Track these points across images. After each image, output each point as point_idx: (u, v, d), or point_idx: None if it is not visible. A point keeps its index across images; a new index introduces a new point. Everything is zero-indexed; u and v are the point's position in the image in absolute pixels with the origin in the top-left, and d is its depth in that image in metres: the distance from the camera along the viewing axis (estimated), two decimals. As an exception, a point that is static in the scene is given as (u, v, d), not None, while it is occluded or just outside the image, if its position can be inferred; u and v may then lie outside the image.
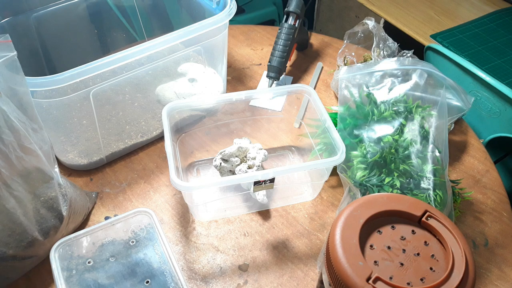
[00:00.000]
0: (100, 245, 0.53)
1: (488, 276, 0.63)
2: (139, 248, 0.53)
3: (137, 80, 0.73)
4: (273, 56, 0.87)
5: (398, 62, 0.74)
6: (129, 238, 0.54)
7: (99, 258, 0.52)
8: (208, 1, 0.81)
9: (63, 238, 0.52)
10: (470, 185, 0.75)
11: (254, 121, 0.80)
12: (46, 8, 0.81)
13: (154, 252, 0.53)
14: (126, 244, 0.53)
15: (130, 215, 0.56)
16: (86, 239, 0.53)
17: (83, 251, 0.52)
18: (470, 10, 1.41)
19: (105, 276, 0.50)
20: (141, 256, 0.52)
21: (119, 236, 0.54)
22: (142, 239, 0.54)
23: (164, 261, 0.52)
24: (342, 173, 0.66)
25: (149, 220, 0.56)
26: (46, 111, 0.65)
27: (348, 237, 0.43)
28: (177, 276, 0.50)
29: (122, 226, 0.55)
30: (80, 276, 0.49)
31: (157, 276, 0.50)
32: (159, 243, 0.54)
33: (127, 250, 0.53)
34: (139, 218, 0.56)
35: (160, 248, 0.53)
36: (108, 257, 0.52)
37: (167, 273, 0.51)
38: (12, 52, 0.49)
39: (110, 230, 0.54)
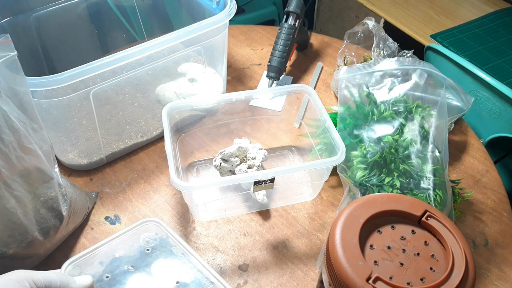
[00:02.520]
0: (111, 259, 0.48)
1: (488, 276, 0.63)
2: (157, 253, 0.49)
3: (137, 80, 0.73)
4: (273, 56, 0.87)
5: (398, 62, 0.74)
6: (142, 246, 0.50)
7: (116, 271, 0.47)
8: (208, 1, 0.81)
9: (70, 259, 0.46)
10: (470, 185, 0.75)
11: (254, 121, 0.80)
12: (46, 8, 0.81)
13: (174, 255, 0.49)
14: (141, 253, 0.49)
15: (137, 226, 0.52)
16: (95, 256, 0.48)
17: (94, 269, 0.47)
18: (470, 10, 1.41)
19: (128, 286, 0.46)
20: (161, 260, 0.49)
21: (130, 248, 0.50)
22: (157, 246, 0.50)
23: (188, 260, 0.49)
24: (342, 173, 0.66)
25: (158, 229, 0.52)
26: (46, 111, 0.65)
27: (348, 237, 0.43)
28: (207, 270, 0.47)
29: (130, 238, 0.51)
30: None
31: (186, 275, 0.47)
32: (177, 246, 0.50)
33: (144, 258, 0.49)
34: (147, 227, 0.52)
35: (180, 250, 0.50)
36: (125, 268, 0.48)
37: (195, 271, 0.48)
38: (12, 52, 0.49)
39: (118, 244, 0.50)
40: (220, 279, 0.47)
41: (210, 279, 0.47)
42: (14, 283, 0.38)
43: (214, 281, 0.47)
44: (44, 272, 0.42)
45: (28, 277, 0.40)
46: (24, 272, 0.40)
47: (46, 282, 0.41)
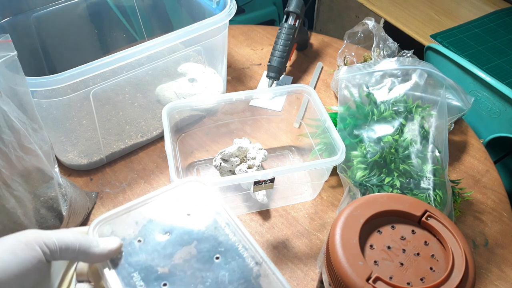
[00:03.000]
0: (148, 220, 0.41)
1: (488, 276, 0.63)
2: (198, 220, 0.41)
3: (137, 80, 0.73)
4: (273, 56, 0.87)
5: (398, 62, 0.74)
6: (182, 211, 0.42)
7: (149, 236, 0.40)
8: (208, 1, 0.81)
9: (100, 217, 0.40)
10: (470, 185, 0.75)
11: (254, 121, 0.80)
12: (46, 8, 0.81)
13: (217, 224, 0.41)
14: (180, 218, 0.41)
15: (179, 186, 0.44)
16: (129, 216, 0.41)
17: (127, 230, 0.40)
18: (470, 10, 1.41)
19: (161, 256, 0.38)
20: (201, 229, 0.41)
21: (169, 209, 0.42)
22: (199, 210, 0.42)
23: (233, 232, 0.41)
24: (342, 173, 0.66)
25: (202, 189, 0.44)
26: (46, 111, 0.65)
27: (348, 237, 0.43)
28: (252, 247, 0.39)
29: (171, 199, 0.43)
30: (130, 259, 0.37)
31: (227, 250, 0.39)
32: (222, 213, 0.42)
33: (183, 224, 0.41)
34: (189, 188, 0.44)
35: (225, 219, 0.42)
36: (160, 233, 0.40)
37: (239, 245, 0.40)
38: (12, 52, 0.49)
39: (156, 204, 0.42)
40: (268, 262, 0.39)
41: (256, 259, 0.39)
42: (21, 245, 0.31)
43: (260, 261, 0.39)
44: (59, 232, 0.34)
45: (39, 238, 0.32)
46: (35, 232, 0.33)
47: (62, 244, 0.33)
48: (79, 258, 0.34)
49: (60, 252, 0.33)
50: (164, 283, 0.36)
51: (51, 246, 0.33)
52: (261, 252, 0.39)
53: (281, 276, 0.37)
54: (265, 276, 0.37)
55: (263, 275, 0.37)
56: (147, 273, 0.37)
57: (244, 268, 0.38)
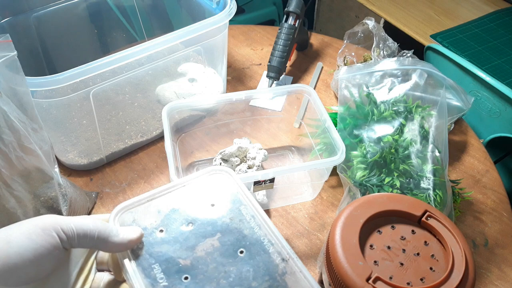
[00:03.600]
0: (170, 210, 0.39)
1: (488, 276, 0.63)
2: (222, 212, 0.40)
3: (137, 80, 0.73)
4: (273, 56, 0.87)
5: (398, 62, 0.74)
6: (206, 202, 0.40)
7: (171, 226, 0.38)
8: (208, 1, 0.81)
9: (121, 204, 0.38)
10: (470, 185, 0.75)
11: (254, 121, 0.80)
12: (46, 8, 0.81)
13: (242, 216, 0.39)
14: (204, 209, 0.40)
15: (204, 175, 0.42)
16: (151, 204, 0.40)
17: (149, 219, 0.38)
18: (470, 10, 1.41)
19: (184, 247, 0.36)
20: (225, 221, 0.39)
21: (193, 199, 0.40)
22: (224, 202, 0.40)
23: (258, 226, 0.39)
24: (342, 173, 0.66)
25: (228, 180, 0.42)
26: (46, 111, 0.65)
27: (348, 237, 0.43)
28: (279, 242, 0.37)
29: (194, 188, 0.41)
30: (151, 250, 0.36)
31: (252, 244, 0.37)
32: (248, 206, 0.40)
33: (206, 216, 0.39)
34: (215, 178, 0.43)
35: (250, 211, 0.40)
36: (183, 224, 0.38)
37: (265, 240, 0.38)
38: (12, 52, 0.49)
39: (180, 193, 0.41)
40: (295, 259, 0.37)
41: (282, 255, 0.37)
42: (38, 230, 0.30)
43: (287, 258, 0.37)
44: (78, 218, 0.33)
45: (57, 224, 0.31)
46: (53, 218, 0.32)
47: (80, 231, 0.32)
48: (98, 247, 0.34)
49: (78, 240, 0.32)
50: (186, 277, 0.35)
51: (69, 233, 0.32)
52: (288, 248, 0.37)
53: (309, 274, 0.35)
54: (291, 273, 0.35)
55: (289, 273, 0.35)
56: (168, 265, 0.35)
57: (270, 264, 0.36)
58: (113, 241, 0.33)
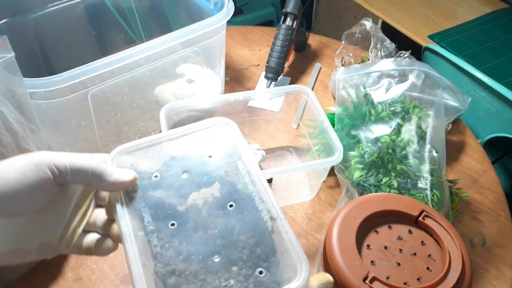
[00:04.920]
0: (169, 157, 0.39)
1: (486, 276, 0.63)
2: (219, 164, 0.40)
3: (136, 81, 0.73)
4: (271, 57, 0.87)
5: (395, 63, 0.74)
6: (205, 152, 0.40)
7: (167, 173, 0.38)
8: (206, 2, 0.81)
9: (121, 146, 0.38)
10: (468, 185, 0.75)
11: (252, 122, 0.80)
12: (44, 9, 0.81)
13: (237, 170, 0.39)
14: (201, 159, 0.40)
15: (205, 126, 0.42)
16: (150, 149, 0.40)
17: (147, 164, 0.38)
18: (467, 11, 1.41)
19: (176, 195, 0.37)
20: (220, 173, 0.39)
21: (192, 149, 0.41)
22: (222, 154, 0.40)
23: (252, 182, 0.38)
24: (340, 173, 0.66)
25: (229, 133, 0.42)
26: (44, 112, 0.65)
27: (345, 237, 0.43)
28: (269, 201, 0.37)
29: (195, 138, 0.41)
30: (144, 194, 0.37)
31: (243, 199, 0.38)
32: (245, 161, 0.40)
33: (202, 166, 0.39)
34: (216, 130, 0.42)
35: (245, 167, 0.39)
36: (179, 172, 0.38)
37: (256, 197, 0.38)
38: (10, 53, 0.49)
39: (180, 142, 0.41)
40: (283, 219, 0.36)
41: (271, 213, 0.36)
42: (31, 166, 0.31)
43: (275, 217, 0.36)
44: (73, 155, 0.34)
45: (50, 160, 0.32)
46: (47, 154, 0.32)
47: (73, 168, 0.33)
48: (91, 184, 0.34)
49: (71, 176, 0.33)
50: (172, 223, 0.35)
51: (62, 169, 0.32)
52: (278, 208, 0.37)
53: (294, 236, 0.35)
54: (278, 232, 0.35)
55: (276, 231, 0.35)
56: (157, 210, 0.36)
57: (257, 221, 0.36)
58: (106, 180, 0.34)
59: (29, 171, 0.31)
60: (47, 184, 0.32)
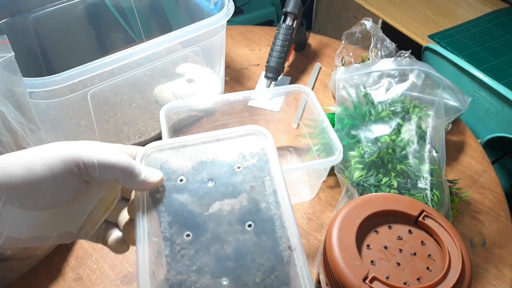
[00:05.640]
0: (198, 161, 0.38)
1: (486, 276, 0.63)
2: (246, 177, 0.38)
3: (135, 80, 0.73)
4: (271, 56, 0.87)
5: (396, 63, 0.74)
6: (234, 161, 0.39)
7: (193, 178, 0.37)
8: (206, 2, 0.81)
9: (153, 144, 0.38)
10: (468, 185, 0.75)
11: (252, 122, 0.80)
12: (44, 9, 0.81)
13: (264, 187, 0.37)
14: (230, 168, 0.38)
15: (241, 133, 0.40)
16: (182, 150, 0.39)
17: (176, 164, 0.38)
18: (468, 10, 1.41)
19: (198, 202, 0.36)
20: (246, 187, 0.37)
21: (222, 156, 0.39)
22: (251, 167, 0.38)
23: (277, 203, 0.36)
24: (340, 173, 0.66)
25: (263, 144, 0.40)
26: (44, 112, 0.65)
27: (345, 237, 0.43)
28: (291, 228, 0.34)
29: (228, 145, 0.40)
30: (168, 195, 0.36)
31: (263, 221, 0.35)
32: (274, 178, 0.38)
33: (230, 177, 0.38)
34: (251, 139, 0.41)
35: (273, 185, 0.37)
36: (205, 179, 0.37)
37: (277, 221, 0.35)
38: (10, 53, 0.49)
39: (213, 146, 0.40)
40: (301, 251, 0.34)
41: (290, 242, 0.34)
42: (59, 163, 0.30)
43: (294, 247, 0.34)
44: (101, 150, 0.33)
45: (78, 158, 0.31)
46: (75, 150, 0.31)
47: (102, 167, 0.32)
48: (118, 182, 0.34)
49: (99, 173, 0.32)
50: (188, 234, 0.34)
51: (90, 166, 0.31)
52: (298, 237, 0.34)
53: (309, 272, 0.33)
54: (293, 265, 0.33)
55: (292, 264, 0.33)
56: (176, 216, 0.35)
57: (274, 248, 0.34)
58: (134, 180, 0.34)
59: (57, 168, 0.30)
60: (74, 181, 0.31)
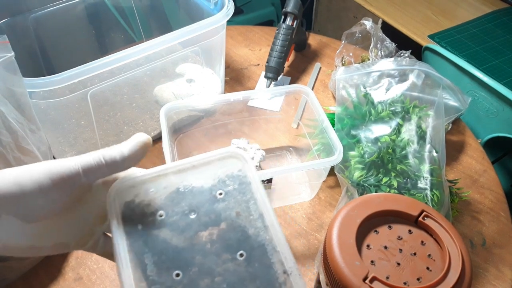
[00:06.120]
0: (175, 192, 0.36)
1: (486, 276, 0.63)
2: (229, 204, 0.36)
3: (135, 80, 0.73)
4: (271, 56, 0.87)
5: (396, 62, 0.74)
6: (214, 187, 0.36)
7: (173, 211, 0.35)
8: (206, 2, 0.81)
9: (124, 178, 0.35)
10: (468, 185, 0.75)
11: (252, 122, 0.80)
12: (44, 9, 0.81)
13: (250, 212, 0.35)
14: (210, 196, 0.36)
15: (216, 157, 0.38)
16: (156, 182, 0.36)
17: (151, 197, 0.35)
18: (468, 10, 1.41)
19: (182, 238, 0.33)
20: (231, 214, 0.35)
21: (200, 184, 0.36)
22: (233, 191, 0.36)
23: (265, 227, 0.35)
24: (340, 173, 0.66)
25: (241, 166, 0.38)
26: (44, 111, 0.65)
27: (345, 237, 0.43)
28: (283, 251, 0.33)
29: (205, 170, 0.37)
30: (148, 234, 0.33)
31: (254, 248, 0.33)
32: (259, 201, 0.36)
33: (212, 205, 0.35)
34: (228, 162, 0.38)
35: (258, 209, 0.35)
36: (186, 211, 0.35)
37: (269, 246, 0.34)
38: (10, 53, 0.49)
39: (189, 173, 0.37)
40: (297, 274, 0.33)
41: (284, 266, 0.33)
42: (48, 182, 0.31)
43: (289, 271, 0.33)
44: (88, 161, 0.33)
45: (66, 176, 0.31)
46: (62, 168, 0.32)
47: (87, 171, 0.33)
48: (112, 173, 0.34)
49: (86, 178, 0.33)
50: (177, 273, 0.32)
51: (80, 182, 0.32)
52: (291, 260, 0.33)
53: None
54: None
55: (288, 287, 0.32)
56: (161, 256, 0.32)
57: (270, 275, 0.32)
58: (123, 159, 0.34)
59: (47, 187, 0.31)
60: (65, 198, 0.32)
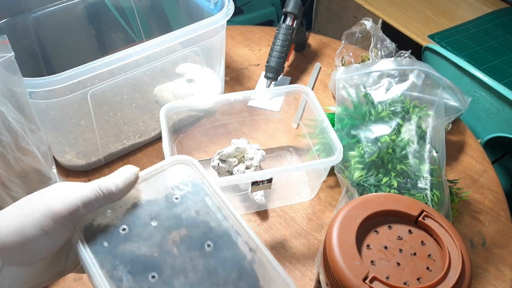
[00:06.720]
0: (130, 206, 0.38)
1: (486, 276, 0.63)
2: (187, 205, 0.39)
3: (135, 80, 0.73)
4: (271, 56, 0.87)
5: (396, 62, 0.74)
6: (170, 194, 0.39)
7: (134, 223, 0.37)
8: (206, 2, 0.81)
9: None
10: (468, 185, 0.75)
11: (252, 122, 0.80)
12: (44, 9, 0.81)
13: (208, 208, 0.38)
14: (167, 203, 0.39)
15: (165, 166, 0.41)
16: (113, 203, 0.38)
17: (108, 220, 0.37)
18: (468, 10, 1.41)
19: (149, 245, 0.36)
20: (192, 214, 0.38)
21: (155, 194, 0.39)
22: (188, 194, 0.39)
23: (225, 217, 0.38)
24: (340, 173, 0.66)
25: (191, 172, 0.41)
26: (44, 111, 0.65)
27: (345, 237, 0.43)
28: (246, 233, 0.37)
29: (156, 181, 0.40)
30: (116, 248, 0.35)
31: (219, 236, 0.37)
32: (213, 196, 0.39)
33: (171, 210, 0.38)
34: (177, 169, 0.41)
35: (216, 202, 0.39)
36: (147, 221, 0.37)
37: (232, 232, 0.37)
38: (10, 53, 0.49)
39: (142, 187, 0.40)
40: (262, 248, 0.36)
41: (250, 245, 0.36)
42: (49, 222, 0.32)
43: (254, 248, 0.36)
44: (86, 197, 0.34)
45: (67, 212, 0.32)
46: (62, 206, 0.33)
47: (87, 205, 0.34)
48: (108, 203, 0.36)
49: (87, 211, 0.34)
50: (153, 275, 0.34)
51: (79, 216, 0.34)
52: (255, 238, 0.36)
53: (277, 263, 0.35)
54: (260, 263, 0.35)
55: (257, 262, 0.35)
56: (133, 265, 0.34)
57: (238, 256, 0.36)
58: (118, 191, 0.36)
59: (48, 227, 0.32)
60: (65, 232, 0.33)
